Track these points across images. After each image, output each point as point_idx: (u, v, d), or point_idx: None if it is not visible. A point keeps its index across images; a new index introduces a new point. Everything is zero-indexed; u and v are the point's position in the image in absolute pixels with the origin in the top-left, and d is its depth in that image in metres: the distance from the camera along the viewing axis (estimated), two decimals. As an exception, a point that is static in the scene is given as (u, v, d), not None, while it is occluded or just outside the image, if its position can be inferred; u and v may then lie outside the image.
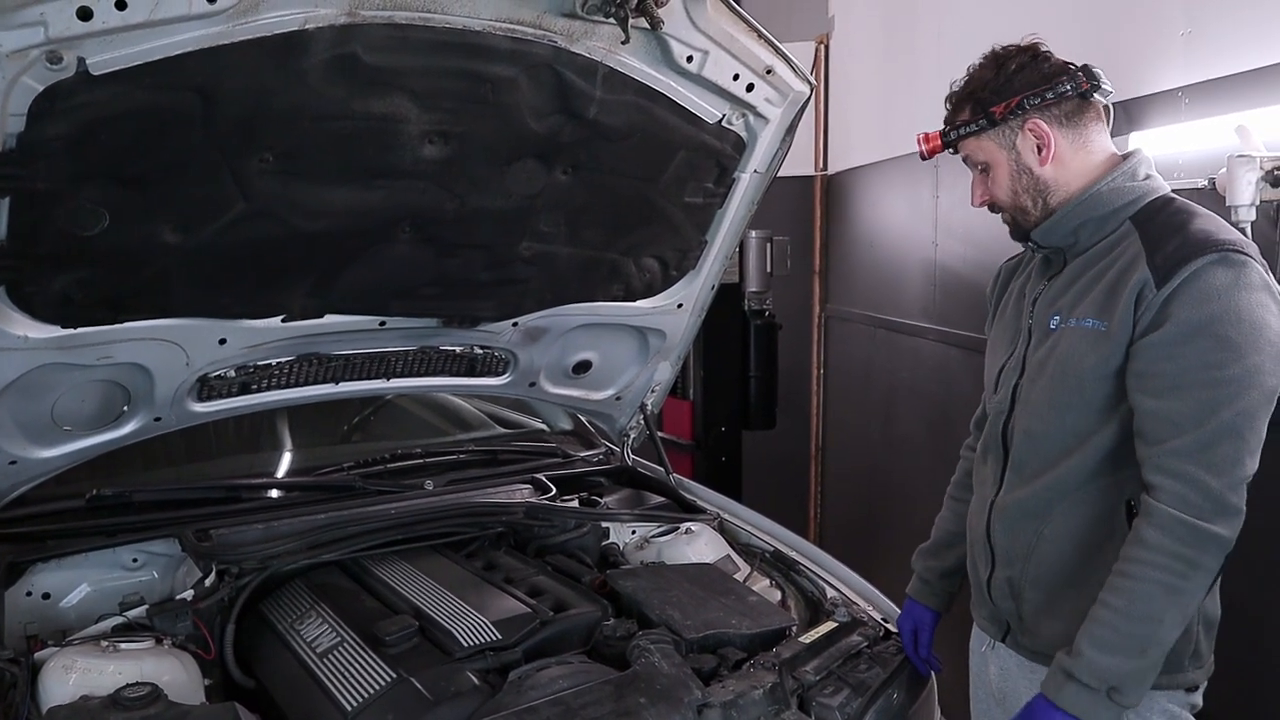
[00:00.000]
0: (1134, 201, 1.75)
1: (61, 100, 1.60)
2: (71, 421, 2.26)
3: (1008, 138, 1.79)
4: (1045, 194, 1.80)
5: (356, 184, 2.00)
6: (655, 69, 2.06)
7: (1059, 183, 1.79)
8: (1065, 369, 1.74)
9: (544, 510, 2.69)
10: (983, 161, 1.84)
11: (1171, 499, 1.60)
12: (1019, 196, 1.82)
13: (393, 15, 1.74)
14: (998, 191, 1.85)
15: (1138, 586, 1.61)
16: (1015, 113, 1.76)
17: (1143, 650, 1.61)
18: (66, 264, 1.90)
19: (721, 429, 4.95)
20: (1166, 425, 1.61)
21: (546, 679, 1.87)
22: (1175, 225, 1.68)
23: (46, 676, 1.84)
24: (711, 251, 2.65)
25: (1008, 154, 1.80)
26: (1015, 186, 1.82)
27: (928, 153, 1.90)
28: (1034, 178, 1.80)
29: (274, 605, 2.25)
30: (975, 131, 1.81)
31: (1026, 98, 1.75)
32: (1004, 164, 1.81)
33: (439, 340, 2.61)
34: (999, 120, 1.77)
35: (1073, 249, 1.82)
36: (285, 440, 3.03)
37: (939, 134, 1.87)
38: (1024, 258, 2.04)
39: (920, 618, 2.16)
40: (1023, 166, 1.80)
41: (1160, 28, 2.64)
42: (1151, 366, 1.63)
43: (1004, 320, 2.00)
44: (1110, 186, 1.76)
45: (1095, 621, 1.65)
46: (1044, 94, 1.75)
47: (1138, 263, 1.66)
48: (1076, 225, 1.79)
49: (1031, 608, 1.84)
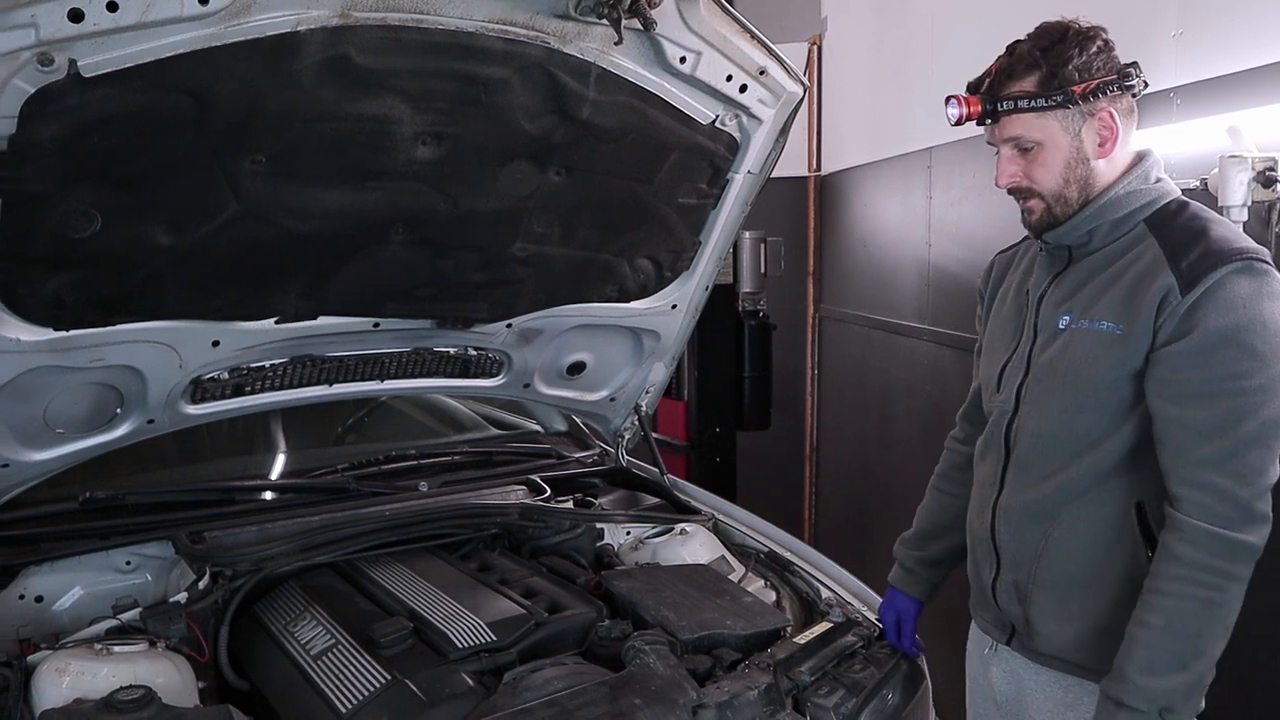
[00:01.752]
0: (1149, 204, 1.73)
1: (53, 102, 1.60)
2: (64, 424, 2.25)
3: (1076, 122, 1.69)
4: (1090, 187, 1.73)
5: (349, 185, 1.99)
6: (648, 70, 2.06)
7: (1103, 178, 1.73)
8: (1078, 372, 1.71)
9: (539, 511, 2.69)
10: (1035, 141, 1.71)
11: (1200, 511, 1.58)
12: (1068, 186, 1.73)
13: (385, 17, 1.73)
14: (1043, 175, 1.73)
15: (1176, 604, 1.59)
16: (1093, 96, 1.67)
17: (1187, 666, 1.59)
18: (59, 266, 1.90)
19: (716, 430, 4.96)
20: (1191, 434, 1.60)
21: (541, 680, 1.87)
22: (1195, 231, 1.65)
23: (39, 680, 1.83)
24: (705, 252, 2.65)
25: (1070, 138, 1.70)
26: (1068, 174, 1.72)
27: (965, 117, 1.74)
28: (1088, 169, 1.72)
29: (268, 607, 2.25)
30: (1043, 107, 1.68)
31: (1108, 83, 1.67)
32: (1063, 149, 1.71)
33: (433, 342, 2.61)
34: (1075, 101, 1.67)
35: (1083, 247, 1.78)
36: (279, 442, 3.02)
37: (979, 98, 1.72)
38: (1018, 250, 2.00)
39: (903, 607, 2.15)
40: (1081, 155, 1.71)
41: (1152, 28, 2.64)
42: (1175, 374, 1.61)
43: (1002, 316, 1.96)
44: (1128, 189, 1.73)
45: (1136, 643, 1.62)
46: (1121, 83, 1.68)
47: (1159, 268, 1.63)
48: (1093, 226, 1.75)
49: (1039, 611, 1.81)
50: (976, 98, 1.72)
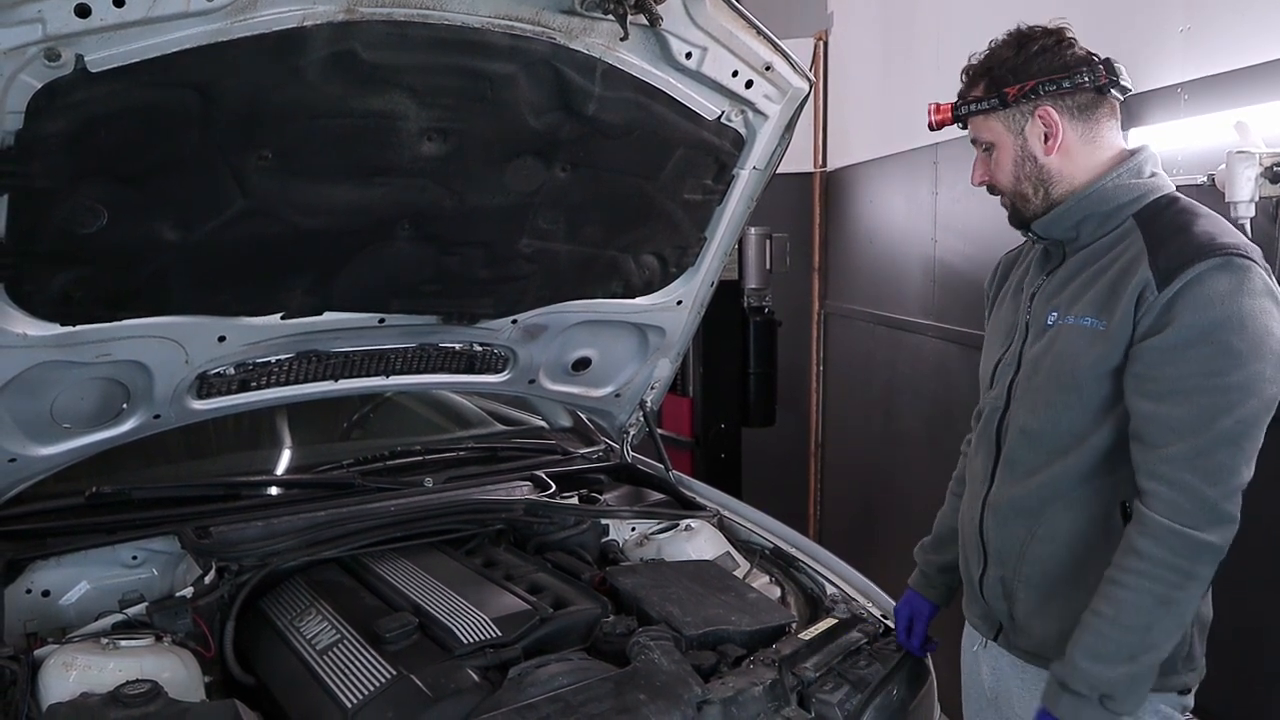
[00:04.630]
0: (1138, 199, 1.72)
1: (60, 97, 1.60)
2: (71, 419, 2.26)
3: (1017, 121, 1.75)
4: (1048, 184, 1.77)
5: (355, 181, 1.99)
6: (654, 66, 2.06)
7: (1063, 174, 1.76)
8: (1061, 367, 1.72)
9: (544, 507, 2.70)
10: (988, 141, 1.80)
11: (1165, 507, 1.58)
12: (1020, 183, 1.79)
13: (391, 12, 1.73)
14: (999, 174, 1.81)
15: (1129, 596, 1.60)
16: (1028, 97, 1.72)
17: (1133, 657, 1.60)
18: (65, 262, 1.90)
19: (721, 426, 4.96)
20: (1164, 430, 1.59)
21: (546, 676, 1.87)
22: (1178, 226, 1.65)
23: (46, 674, 1.84)
24: (711, 248, 2.65)
25: (1014, 138, 1.77)
26: (1018, 172, 1.78)
27: (936, 124, 1.85)
28: (1037, 166, 1.76)
29: (274, 602, 2.25)
30: (985, 110, 1.77)
31: (1042, 83, 1.71)
32: (1009, 147, 1.78)
33: (438, 337, 2.61)
34: (1010, 102, 1.73)
35: (1073, 243, 1.79)
36: (285, 438, 3.03)
37: (949, 106, 1.83)
38: (1023, 250, 2.01)
39: (918, 608, 2.16)
40: (1027, 153, 1.76)
41: (1159, 23, 2.63)
42: (1151, 370, 1.60)
43: (1001, 314, 1.97)
44: (1115, 183, 1.73)
45: (1086, 629, 1.64)
46: (1060, 82, 1.71)
47: (1139, 263, 1.63)
48: (1079, 219, 1.76)
49: (1024, 608, 1.82)
50: (948, 105, 1.83)
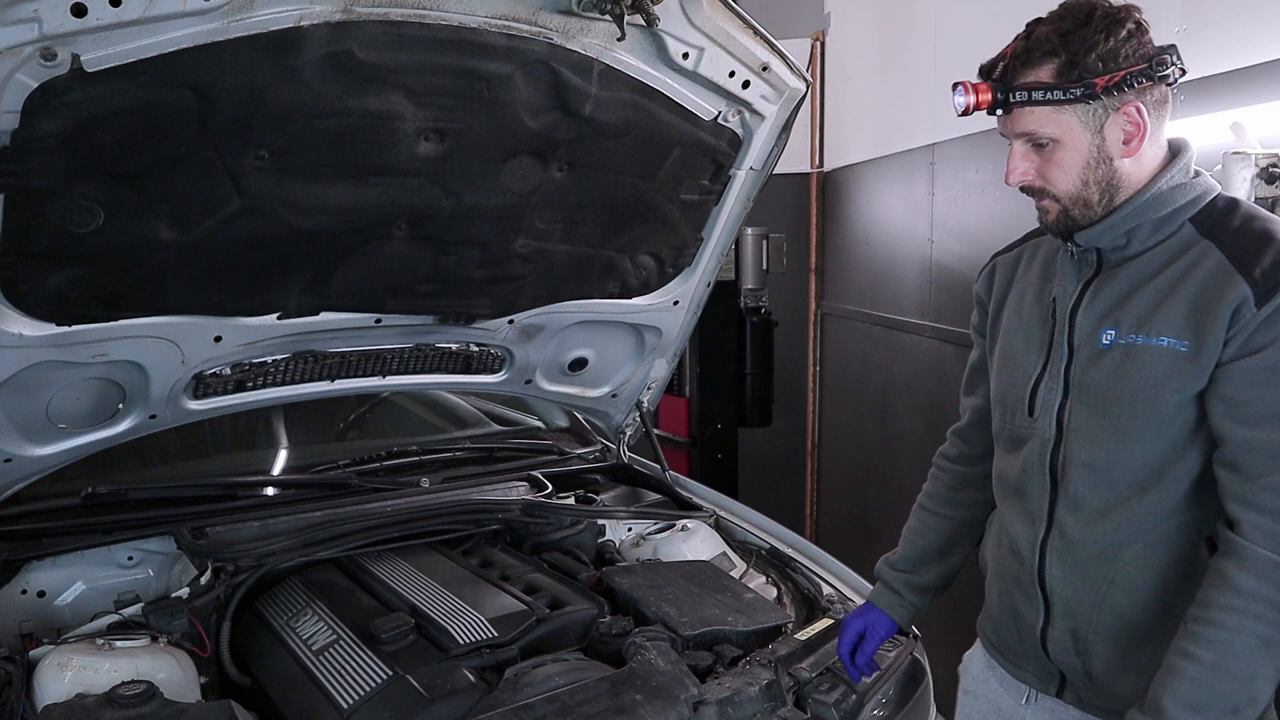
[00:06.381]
0: (1193, 201, 1.55)
1: (56, 97, 1.60)
2: (67, 419, 2.25)
3: (1098, 117, 1.49)
4: (1115, 189, 1.54)
5: (352, 181, 1.99)
6: (651, 66, 2.06)
7: (1130, 178, 1.54)
8: (1138, 394, 1.52)
9: (540, 507, 2.70)
10: (1050, 137, 1.52)
11: (1268, 540, 1.43)
12: (1087, 188, 1.54)
13: (388, 12, 1.73)
14: (1059, 177, 1.54)
15: (1231, 639, 1.43)
16: (1120, 89, 1.47)
17: (1235, 710, 1.44)
18: (61, 261, 1.90)
19: (718, 426, 4.96)
20: (1264, 458, 1.44)
21: (542, 676, 1.87)
22: (1260, 234, 1.48)
23: (41, 674, 1.84)
24: (707, 249, 2.65)
25: (1091, 136, 1.51)
26: (1088, 176, 1.53)
27: (974, 106, 1.54)
28: (1111, 169, 1.53)
29: (270, 603, 2.25)
30: (1061, 100, 1.48)
31: (1134, 74, 1.47)
32: (1083, 147, 1.52)
33: (435, 337, 2.61)
34: (1097, 95, 1.47)
35: (1118, 251, 1.58)
36: (281, 438, 3.02)
37: (990, 86, 1.53)
38: (1023, 250, 1.80)
39: (875, 625, 1.99)
40: (1104, 154, 1.52)
41: (1156, 24, 2.62)
42: (1247, 393, 1.45)
43: (1019, 328, 1.73)
44: (1170, 185, 1.54)
45: (1180, 676, 1.46)
46: (1150, 74, 1.48)
47: (1229, 277, 1.45)
48: (1133, 227, 1.55)
49: (1104, 664, 1.62)
50: (987, 84, 1.53)
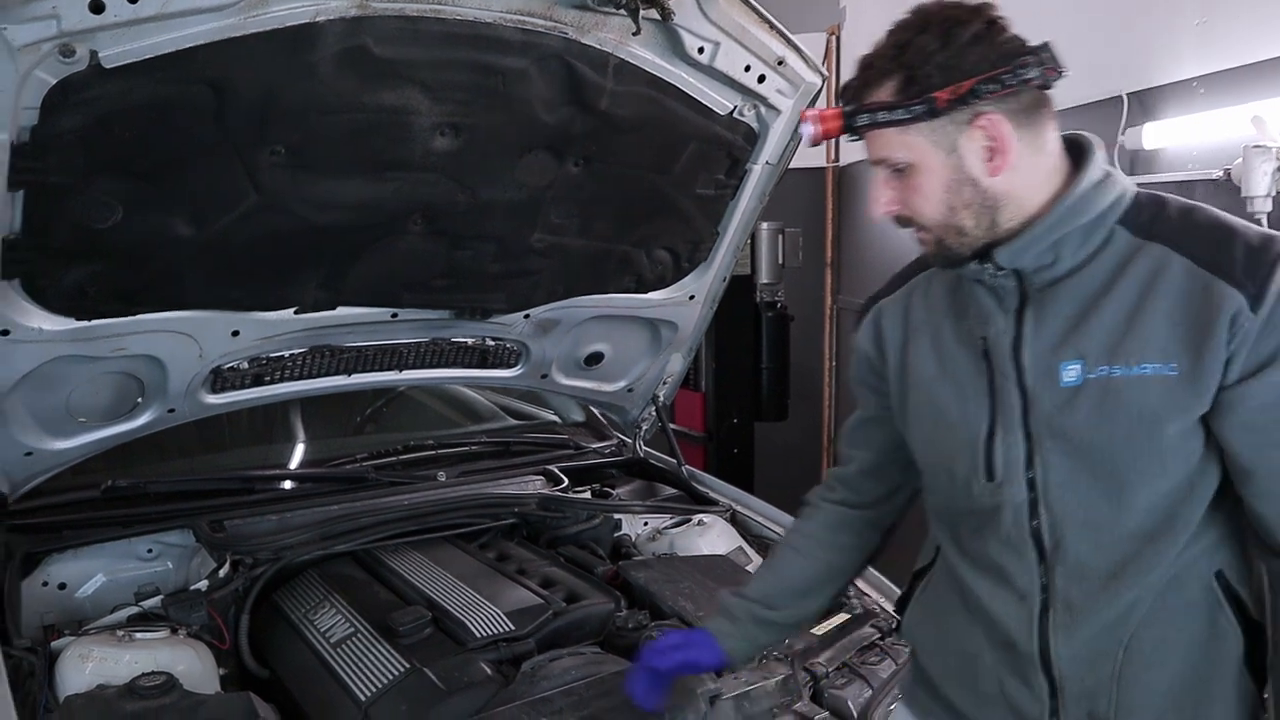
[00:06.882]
0: (1116, 201, 1.32)
1: (74, 93, 1.61)
2: (86, 413, 2.27)
3: (948, 135, 1.27)
4: (994, 210, 1.31)
5: (368, 176, 2.00)
6: (666, 60, 2.06)
7: (1012, 195, 1.30)
8: (1132, 433, 1.29)
9: (556, 501, 2.70)
10: (903, 161, 1.31)
11: None
12: (955, 213, 1.32)
13: (404, 7, 1.74)
14: (921, 204, 1.33)
15: None
16: (964, 102, 1.25)
17: None
18: (80, 257, 1.91)
19: (733, 420, 4.96)
20: None
21: (559, 670, 1.87)
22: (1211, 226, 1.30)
23: (63, 665, 1.86)
24: (723, 243, 2.65)
25: (945, 156, 1.29)
26: (952, 200, 1.31)
27: (820, 136, 1.36)
28: (979, 190, 1.30)
29: (288, 596, 2.26)
30: (902, 120, 1.27)
31: (982, 83, 1.24)
32: (937, 169, 1.30)
33: (450, 332, 2.62)
34: (941, 110, 1.25)
35: (1045, 271, 1.34)
36: (298, 432, 3.04)
37: (839, 112, 1.33)
38: (913, 291, 1.54)
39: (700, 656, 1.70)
40: (965, 175, 1.29)
41: (1174, 17, 2.62)
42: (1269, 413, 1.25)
43: (942, 378, 1.46)
44: (1090, 187, 1.31)
45: None
46: (1004, 79, 1.24)
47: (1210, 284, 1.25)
48: (1059, 238, 1.31)
49: None
50: (836, 110, 1.34)
